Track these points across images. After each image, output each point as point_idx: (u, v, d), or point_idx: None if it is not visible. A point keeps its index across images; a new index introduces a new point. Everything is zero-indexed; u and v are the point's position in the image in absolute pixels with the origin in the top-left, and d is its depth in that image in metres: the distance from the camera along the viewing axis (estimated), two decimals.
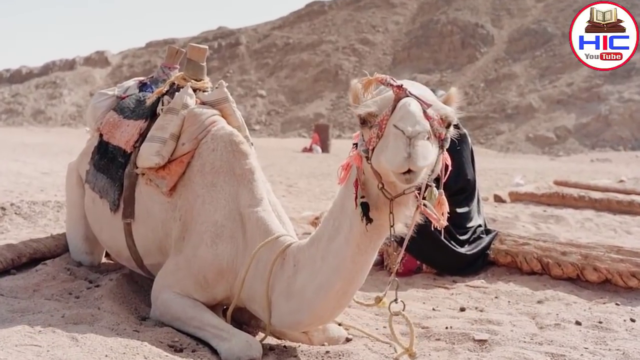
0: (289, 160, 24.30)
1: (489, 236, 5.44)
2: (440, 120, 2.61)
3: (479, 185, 5.80)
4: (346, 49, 71.02)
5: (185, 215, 3.64)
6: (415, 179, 2.50)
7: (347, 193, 2.89)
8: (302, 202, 10.16)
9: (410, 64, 65.97)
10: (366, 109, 2.67)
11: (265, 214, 3.44)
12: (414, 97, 2.55)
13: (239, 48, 77.93)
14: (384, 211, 2.75)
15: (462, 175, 5.32)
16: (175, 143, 3.85)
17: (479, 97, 57.18)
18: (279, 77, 70.04)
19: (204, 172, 3.67)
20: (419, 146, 2.41)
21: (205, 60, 4.34)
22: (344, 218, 2.91)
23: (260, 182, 3.59)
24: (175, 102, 4.00)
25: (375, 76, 2.74)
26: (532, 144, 47.17)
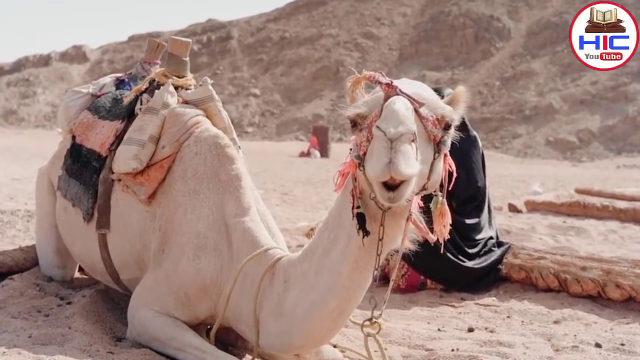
0: (285, 165, 24.31)
1: (501, 249, 5.43)
2: (436, 121, 2.60)
3: (492, 193, 5.81)
4: (348, 44, 71.22)
5: (165, 225, 3.64)
6: (399, 196, 2.43)
7: (344, 202, 2.88)
8: (297, 211, 10.16)
9: (418, 61, 66.13)
10: (355, 110, 2.67)
11: (253, 224, 3.44)
12: (405, 95, 2.54)
13: (230, 42, 78.13)
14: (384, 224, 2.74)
15: (472, 183, 5.33)
16: (155, 146, 3.84)
17: (494, 96, 57.29)
18: (274, 75, 70.19)
19: (186, 178, 3.67)
20: (401, 151, 2.35)
21: (189, 55, 4.34)
22: (340, 230, 2.90)
23: (247, 189, 3.59)
24: (155, 101, 4.00)
25: (364, 73, 2.74)
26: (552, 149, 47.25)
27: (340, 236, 2.89)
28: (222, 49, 77.38)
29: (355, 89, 2.77)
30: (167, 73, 4.21)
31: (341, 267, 2.87)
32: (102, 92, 4.60)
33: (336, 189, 2.95)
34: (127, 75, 4.69)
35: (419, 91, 2.66)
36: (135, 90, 4.22)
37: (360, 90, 2.77)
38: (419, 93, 2.64)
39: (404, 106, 2.46)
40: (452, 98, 2.79)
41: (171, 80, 4.13)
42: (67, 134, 4.63)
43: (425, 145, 2.57)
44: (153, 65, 4.65)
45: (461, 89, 2.83)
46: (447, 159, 2.80)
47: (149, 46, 4.72)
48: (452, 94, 2.81)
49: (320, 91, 64.35)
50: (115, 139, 4.08)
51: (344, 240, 2.87)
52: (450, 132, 2.67)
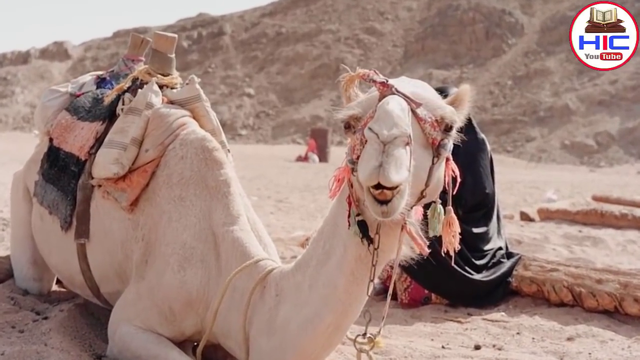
0: (280, 170, 24.32)
1: (510, 260, 5.43)
2: (435, 122, 2.60)
3: (503, 200, 5.81)
4: (349, 40, 71.35)
5: (148, 234, 3.64)
6: (392, 210, 2.41)
7: (340, 209, 2.88)
8: (293, 220, 10.16)
9: (424, 58, 66.24)
10: (348, 112, 2.67)
11: (243, 233, 3.44)
12: (401, 95, 2.54)
13: (223, 38, 78.26)
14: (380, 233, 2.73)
15: (479, 189, 5.33)
16: (138, 149, 3.85)
17: (506, 97, 57.37)
18: (269, 73, 70.28)
19: (170, 184, 3.67)
20: (393, 155, 2.33)
21: (177, 52, 4.35)
22: (336, 239, 2.90)
23: (237, 196, 3.59)
24: (137, 101, 4.00)
25: (357, 71, 2.74)
26: (569, 153, 47.29)
27: (335, 246, 2.89)
28: (213, 45, 77.51)
29: (349, 88, 2.77)
30: (151, 71, 4.22)
31: (337, 279, 2.87)
32: (82, 92, 4.60)
33: (331, 195, 2.95)
34: (109, 73, 4.69)
35: (418, 90, 2.66)
36: (116, 89, 4.23)
37: (355, 90, 2.78)
38: (417, 92, 2.64)
39: (399, 106, 2.45)
40: (454, 98, 2.79)
41: (155, 79, 4.14)
42: (44, 136, 4.63)
43: (423, 149, 2.57)
44: (137, 62, 4.65)
45: (465, 88, 2.83)
46: (450, 164, 2.79)
47: (132, 42, 4.73)
48: (455, 93, 2.81)
49: (319, 91, 64.45)
50: (95, 142, 4.09)
51: (339, 250, 2.86)
52: (451, 135, 2.66)
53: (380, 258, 2.76)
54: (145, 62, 4.58)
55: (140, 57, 4.69)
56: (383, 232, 2.71)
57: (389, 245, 2.77)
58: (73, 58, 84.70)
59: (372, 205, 2.43)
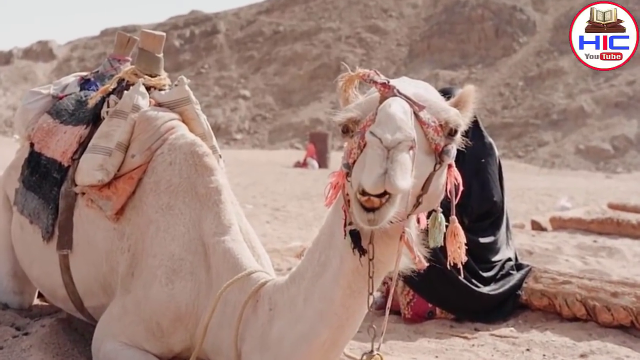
0: (277, 177, 24.32)
1: (520, 272, 5.43)
2: (439, 127, 2.59)
3: (514, 209, 5.81)
4: (350, 39, 71.44)
5: (134, 245, 3.65)
6: (380, 218, 2.40)
7: (336, 218, 2.87)
8: (290, 229, 10.16)
9: (430, 58, 66.32)
10: (346, 115, 2.66)
11: (235, 244, 3.44)
12: (403, 96, 2.53)
13: (217, 37, 78.35)
14: (376, 242, 2.72)
15: (487, 196, 5.33)
16: (124, 154, 3.86)
17: (517, 99, 57.42)
18: (266, 74, 70.36)
19: (158, 192, 3.68)
20: (398, 161, 2.31)
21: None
22: (332, 250, 2.89)
23: (228, 204, 3.60)
24: (123, 103, 4.01)
25: (357, 71, 2.74)
26: (583, 158, 47.31)
27: (331, 257, 2.88)
28: (207, 44, 77.59)
29: (347, 89, 2.77)
30: (138, 71, 4.23)
31: (333, 292, 2.87)
32: (65, 94, 4.61)
33: (327, 203, 2.94)
34: (93, 74, 4.70)
35: (420, 92, 2.66)
36: (101, 91, 4.23)
37: (354, 91, 2.77)
38: (420, 94, 2.63)
39: (402, 109, 2.44)
40: (458, 99, 2.78)
41: (142, 80, 4.15)
42: (25, 141, 4.63)
43: (425, 155, 2.56)
44: (123, 62, 4.66)
45: (469, 89, 2.82)
46: (453, 171, 2.78)
47: (118, 41, 4.73)
48: (459, 95, 2.80)
49: (318, 93, 64.50)
50: (79, 147, 4.10)
51: (335, 262, 2.86)
52: (455, 140, 2.66)
53: (378, 269, 2.75)
54: (132, 62, 4.58)
55: (126, 57, 4.70)
56: (382, 242, 2.71)
57: (387, 256, 2.76)
58: (58, 58, 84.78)
59: (358, 212, 2.42)
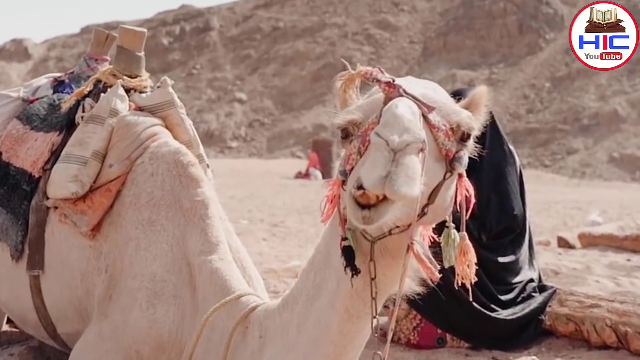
0: (276, 190, 24.34)
1: (543, 295, 5.41)
2: (450, 131, 2.58)
3: (539, 224, 5.79)
4: (358, 36, 71.55)
5: (113, 265, 3.65)
6: (377, 217, 2.36)
7: (333, 235, 2.86)
8: (290, 247, 10.15)
9: (447, 57, 66.37)
10: (347, 117, 2.65)
11: (223, 264, 3.44)
12: (410, 97, 2.52)
13: (210, 35, 78.54)
14: (378, 260, 2.71)
15: (507, 210, 5.32)
16: (101, 164, 3.86)
17: (544, 102, 57.44)
18: (264, 75, 70.46)
19: (139, 206, 3.69)
20: (405, 164, 2.27)
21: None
22: (328, 271, 2.89)
23: (216, 219, 3.60)
24: (100, 108, 4.01)
25: (358, 70, 2.74)
26: (617, 167, 47.29)
27: (328, 279, 2.88)
28: (199, 43, 77.77)
29: (347, 89, 2.76)
30: (117, 72, 4.23)
31: (329, 317, 2.86)
32: (36, 97, 4.59)
33: (324, 219, 2.94)
34: (68, 75, 4.69)
35: (429, 93, 2.64)
36: (76, 94, 4.23)
37: (354, 92, 2.77)
38: (429, 95, 2.62)
39: (410, 110, 2.42)
40: (470, 101, 2.78)
41: (121, 81, 4.15)
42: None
43: (434, 162, 2.54)
44: (101, 62, 4.65)
45: (481, 90, 2.82)
46: (464, 181, 2.78)
47: (96, 38, 4.73)
48: (471, 96, 2.80)
49: (322, 96, 64.52)
50: (51, 156, 4.09)
51: (332, 284, 2.85)
52: (468, 146, 2.66)
53: (380, 290, 2.74)
54: (111, 62, 4.58)
55: (105, 57, 4.69)
56: (384, 259, 2.70)
57: (389, 275, 2.75)
58: (34, 58, 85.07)
59: (352, 210, 2.38)
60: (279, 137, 61.78)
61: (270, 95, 67.43)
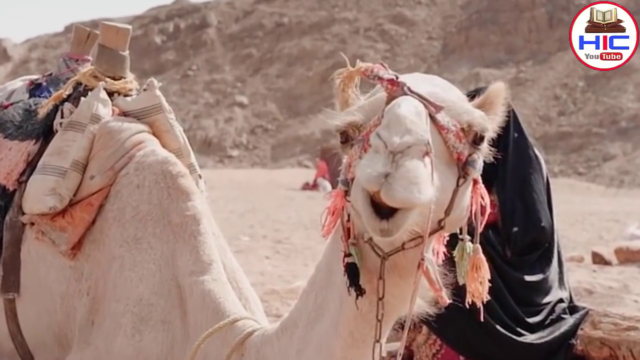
0: (281, 202, 24.36)
1: (574, 316, 5.38)
2: (461, 131, 2.59)
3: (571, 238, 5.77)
4: (371, 32, 71.61)
5: (95, 287, 3.66)
6: (396, 227, 2.36)
7: (335, 251, 2.86)
8: (294, 266, 10.12)
9: (469, 54, 66.37)
10: (346, 119, 2.66)
11: (216, 285, 3.45)
12: (415, 95, 2.52)
13: (207, 32, 78.67)
14: (387, 277, 2.70)
15: (533, 222, 5.30)
16: (81, 175, 3.86)
17: (577, 103, 57.37)
18: (267, 76, 70.54)
19: (123, 221, 3.69)
20: (404, 166, 2.28)
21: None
22: (330, 290, 2.89)
23: (209, 236, 3.60)
24: (80, 113, 4.01)
25: (357, 66, 2.74)
26: None
27: (329, 299, 2.88)
28: (195, 41, 77.90)
29: (346, 88, 2.76)
30: (98, 73, 4.23)
31: (332, 342, 2.86)
32: (11, 101, 4.58)
33: (325, 233, 2.93)
34: (46, 77, 4.67)
35: (437, 91, 2.65)
36: (54, 97, 4.22)
37: (354, 91, 2.77)
38: (437, 93, 2.62)
39: (414, 110, 2.43)
40: (484, 99, 2.79)
41: (103, 83, 4.14)
42: None
43: (445, 166, 2.55)
44: (82, 62, 4.64)
45: (497, 86, 2.82)
46: (478, 188, 2.78)
47: (76, 36, 4.72)
48: (485, 94, 2.81)
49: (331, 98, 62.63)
50: (27, 167, 4.08)
51: (334, 304, 2.86)
52: (481, 149, 2.66)
53: (387, 312, 2.74)
54: (93, 63, 4.58)
55: (86, 56, 4.68)
56: (393, 276, 2.69)
57: (398, 294, 2.75)
58: (14, 60, 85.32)
59: (369, 219, 2.38)
60: (284, 145, 61.81)
61: (273, 98, 67.49)
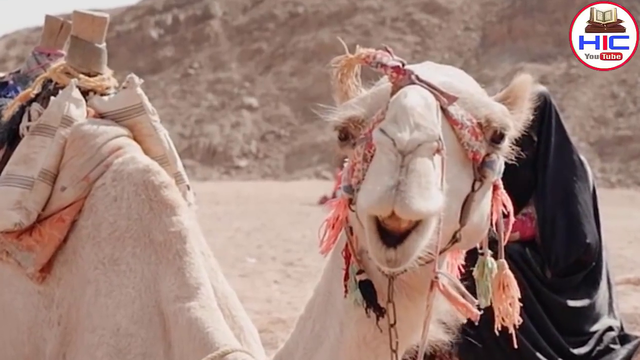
0: (294, 219, 24.37)
1: (626, 347, 5.38)
2: (477, 127, 2.58)
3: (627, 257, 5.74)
4: (399, 22, 71.61)
5: (67, 315, 3.66)
6: (405, 257, 2.34)
7: (335, 270, 2.89)
8: (306, 291, 10.01)
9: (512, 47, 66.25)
10: (345, 113, 2.66)
11: (205, 313, 3.44)
12: (425, 85, 2.51)
13: (210, 24, 78.83)
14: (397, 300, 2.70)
15: (577, 238, 5.29)
16: (51, 187, 3.86)
17: (637, 102, 57.20)
18: (280, 75, 70.62)
19: (99, 240, 3.69)
20: (416, 171, 2.26)
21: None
22: (329, 316, 2.90)
23: (196, 255, 3.60)
24: (50, 115, 4.01)
25: (357, 53, 2.73)
26: None
27: (329, 326, 2.89)
28: (197, 35, 78.06)
29: (345, 79, 2.75)
30: (71, 69, 4.23)
31: None
32: None
33: (323, 249, 2.93)
34: (13, 75, 4.70)
35: (451, 81, 2.64)
36: (20, 97, 4.23)
37: (354, 82, 2.76)
38: (449, 83, 2.61)
39: (423, 101, 2.41)
40: (507, 93, 2.79)
41: (76, 81, 4.14)
42: None
43: (459, 166, 2.54)
44: (54, 57, 4.65)
45: (523, 79, 2.82)
46: (500, 194, 2.77)
47: (48, 27, 4.74)
48: (508, 87, 2.81)
49: None
50: None
51: (334, 331, 2.86)
52: (502, 148, 2.65)
53: (400, 338, 2.73)
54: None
55: (59, 50, 4.69)
56: (405, 295, 2.69)
57: (410, 319, 2.74)
58: None
59: (375, 248, 2.36)
60: (300, 153, 61.79)
61: (287, 100, 67.53)
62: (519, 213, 5.10)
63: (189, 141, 62.23)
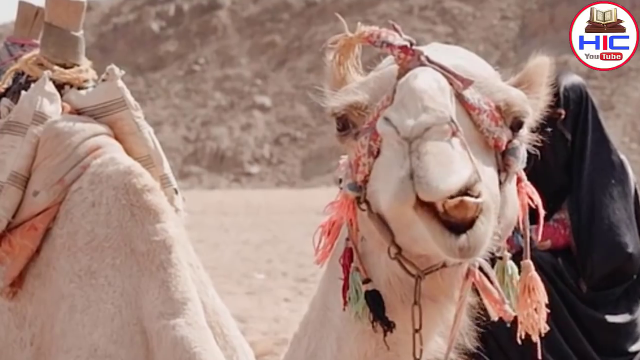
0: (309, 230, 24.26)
1: None
2: (496, 111, 2.57)
3: None
4: (428, 11, 71.70)
5: (40, 334, 3.67)
6: (477, 243, 2.32)
7: (332, 281, 2.90)
8: None
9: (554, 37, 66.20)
10: (346, 98, 2.65)
11: (192, 331, 3.45)
12: (436, 66, 2.50)
13: (218, 15, 79.07)
14: (400, 310, 2.70)
15: (617, 248, 5.27)
16: (22, 191, 3.87)
17: None
18: (295, 71, 70.72)
19: (74, 250, 3.70)
20: (429, 152, 2.24)
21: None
22: (326, 331, 2.90)
23: (183, 267, 3.60)
24: (20, 111, 4.02)
25: (358, 31, 2.72)
26: None
27: (325, 343, 2.89)
28: (203, 27, 78.31)
29: (343, 60, 2.75)
30: (44, 60, 4.23)
31: None
32: None
33: (319, 259, 2.93)
34: None
35: (463, 63, 2.64)
36: None
37: (354, 63, 2.75)
38: (462, 66, 2.60)
39: (436, 84, 2.40)
40: (522, 77, 2.80)
41: (49, 72, 4.14)
42: None
43: (483, 156, 2.52)
44: (28, 47, 4.66)
45: (540, 61, 2.83)
46: (524, 186, 2.79)
47: (22, 15, 4.75)
48: (523, 70, 2.82)
49: None
50: None
51: (330, 349, 2.86)
52: (522, 135, 2.65)
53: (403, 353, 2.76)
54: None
55: (34, 40, 4.70)
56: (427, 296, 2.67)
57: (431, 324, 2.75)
58: None
59: (440, 237, 2.33)
60: (318, 158, 61.88)
61: (303, 99, 67.50)
62: (551, 219, 5.09)
63: (194, 145, 62.63)
